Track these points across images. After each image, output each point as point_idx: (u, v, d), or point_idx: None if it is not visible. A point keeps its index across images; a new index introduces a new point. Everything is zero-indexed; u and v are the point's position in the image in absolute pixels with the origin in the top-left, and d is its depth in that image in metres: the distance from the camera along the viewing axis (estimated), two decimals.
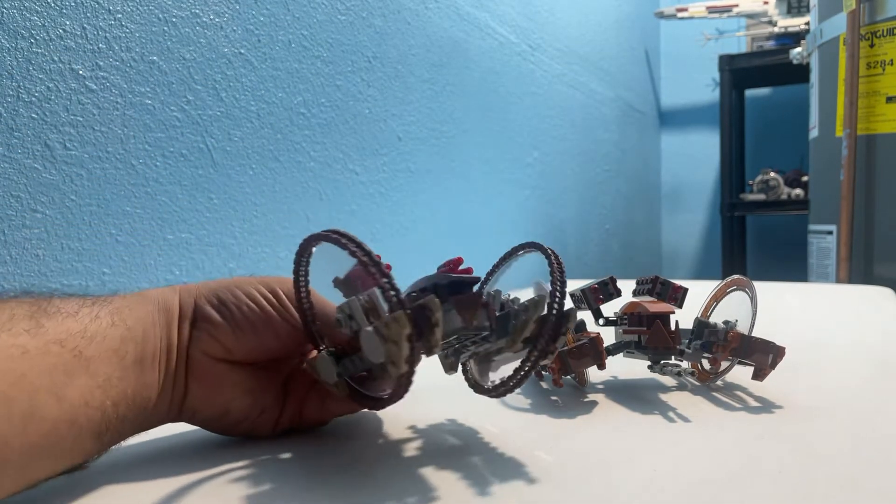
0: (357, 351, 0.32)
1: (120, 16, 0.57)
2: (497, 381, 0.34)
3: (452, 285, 0.33)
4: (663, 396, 0.44)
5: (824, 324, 0.73)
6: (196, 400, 0.34)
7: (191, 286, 0.36)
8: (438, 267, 0.35)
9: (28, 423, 0.25)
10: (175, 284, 0.36)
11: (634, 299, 0.48)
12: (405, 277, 1.06)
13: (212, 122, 0.66)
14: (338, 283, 0.33)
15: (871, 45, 1.27)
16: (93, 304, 0.31)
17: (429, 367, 0.36)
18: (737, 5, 1.98)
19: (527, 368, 0.32)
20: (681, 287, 0.46)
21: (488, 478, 0.31)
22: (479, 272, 0.40)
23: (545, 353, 0.32)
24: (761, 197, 1.93)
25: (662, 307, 0.46)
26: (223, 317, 0.34)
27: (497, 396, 0.34)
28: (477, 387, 0.38)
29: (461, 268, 0.35)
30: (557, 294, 0.32)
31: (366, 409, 0.39)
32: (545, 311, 0.32)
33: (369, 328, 0.28)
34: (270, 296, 0.35)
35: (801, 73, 1.63)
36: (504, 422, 0.39)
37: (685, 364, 0.46)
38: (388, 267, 0.32)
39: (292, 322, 0.35)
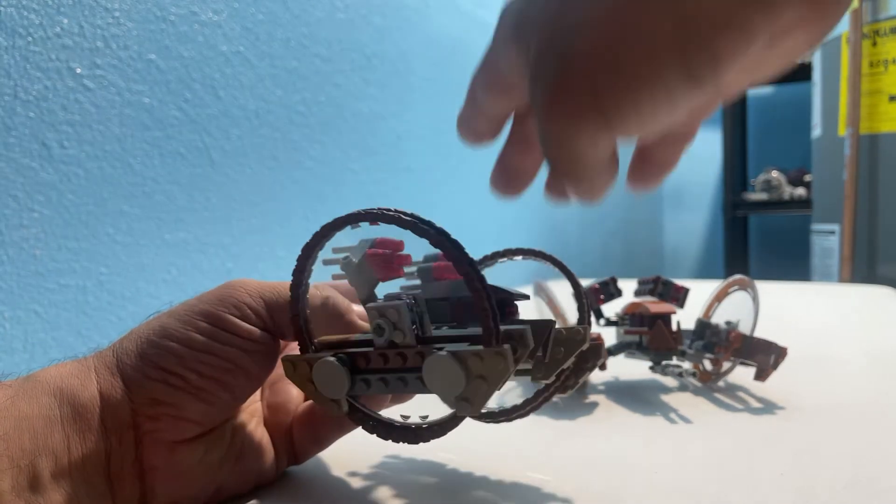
0: (382, 366, 0.25)
1: (118, 14, 0.57)
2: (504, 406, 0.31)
3: (501, 303, 0.27)
4: (665, 397, 0.44)
5: (827, 324, 0.72)
6: (167, 498, 0.26)
7: (106, 355, 0.26)
8: (426, 257, 0.31)
9: None
10: (86, 356, 0.27)
11: (636, 299, 0.47)
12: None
13: (210, 121, 0.66)
14: (349, 268, 0.27)
15: (874, 44, 1.27)
16: None
17: None
18: None
19: (545, 396, 0.30)
20: (682, 287, 0.46)
21: (488, 479, 0.31)
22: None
23: (566, 387, 0.31)
24: (764, 196, 1.93)
25: (664, 307, 0.45)
26: (177, 387, 0.25)
27: (505, 421, 0.31)
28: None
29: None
30: (587, 328, 0.29)
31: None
32: (585, 346, 0.29)
33: (444, 354, 0.23)
34: (215, 328, 0.26)
35: (803, 72, 1.62)
36: (503, 423, 0.39)
37: (687, 365, 0.46)
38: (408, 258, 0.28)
39: (257, 349, 0.27)
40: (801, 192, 1.89)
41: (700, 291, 0.50)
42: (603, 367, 0.45)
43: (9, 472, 0.22)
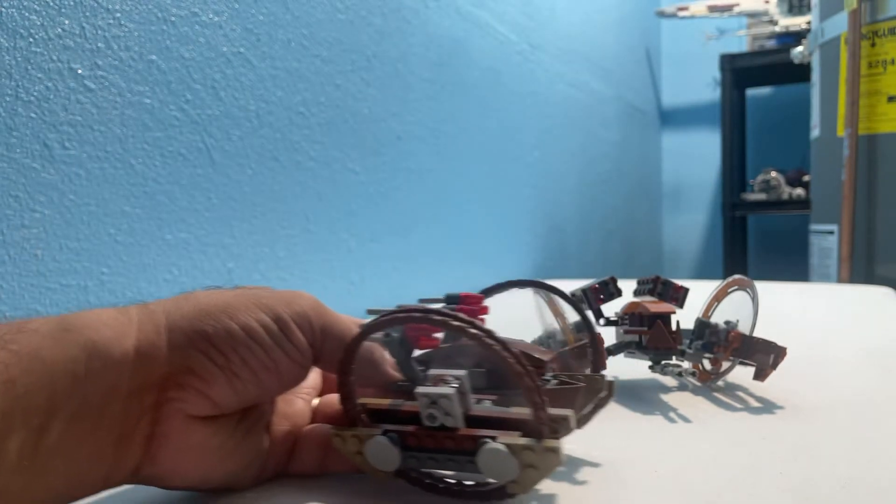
0: (431, 446, 0.27)
1: (119, 15, 0.57)
2: None
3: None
4: (664, 397, 0.44)
5: (826, 324, 0.72)
6: (162, 469, 0.26)
7: (155, 311, 0.26)
8: (448, 296, 0.31)
9: None
10: (127, 306, 0.26)
11: (635, 299, 0.48)
12: (406, 278, 1.05)
13: (211, 122, 0.66)
14: (391, 343, 0.29)
15: (873, 45, 1.27)
16: None
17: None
18: (738, 4, 1.98)
19: None
20: (682, 287, 0.46)
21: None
22: (478, 274, 0.40)
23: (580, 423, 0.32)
24: (762, 196, 1.93)
25: (663, 307, 0.45)
26: (217, 365, 0.25)
27: None
28: None
29: (463, 293, 0.32)
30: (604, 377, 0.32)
31: None
32: (604, 395, 0.31)
33: (500, 447, 0.25)
34: (276, 327, 0.27)
35: (802, 73, 1.62)
36: None
37: (686, 364, 0.46)
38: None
39: (300, 361, 0.28)
40: (799, 192, 1.89)
41: (699, 291, 0.50)
42: (602, 367, 0.45)
43: (18, 435, 0.21)
